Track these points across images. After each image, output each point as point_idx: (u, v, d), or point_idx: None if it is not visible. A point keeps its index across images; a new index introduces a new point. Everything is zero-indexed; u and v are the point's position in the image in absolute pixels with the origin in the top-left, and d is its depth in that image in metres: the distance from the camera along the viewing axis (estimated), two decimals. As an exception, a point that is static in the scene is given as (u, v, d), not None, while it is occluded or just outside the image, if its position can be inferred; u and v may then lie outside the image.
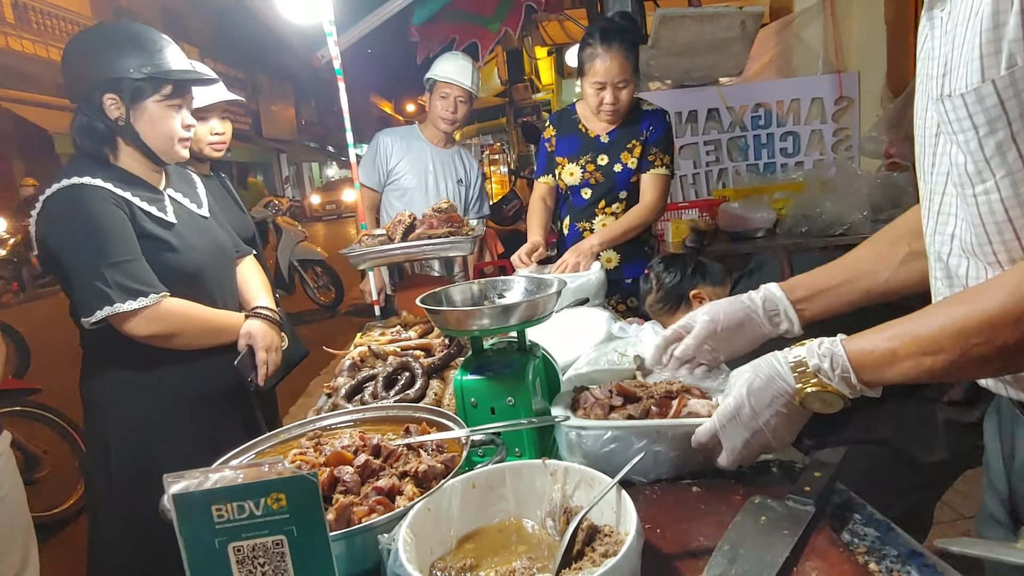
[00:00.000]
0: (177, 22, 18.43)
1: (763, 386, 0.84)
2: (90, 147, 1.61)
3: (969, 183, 0.73)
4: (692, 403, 0.98)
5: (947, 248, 0.82)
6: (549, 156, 2.62)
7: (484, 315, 1.04)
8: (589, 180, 2.50)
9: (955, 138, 0.73)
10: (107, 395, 1.67)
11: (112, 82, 1.55)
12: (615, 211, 2.50)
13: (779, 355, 0.85)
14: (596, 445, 0.95)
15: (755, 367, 0.86)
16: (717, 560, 0.77)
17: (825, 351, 0.81)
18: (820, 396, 0.82)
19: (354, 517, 0.80)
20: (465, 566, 0.76)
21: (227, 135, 2.27)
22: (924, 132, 0.84)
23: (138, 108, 1.59)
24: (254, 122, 23.16)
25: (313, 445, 1.00)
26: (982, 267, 0.78)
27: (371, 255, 1.91)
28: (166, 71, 1.60)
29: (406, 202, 2.98)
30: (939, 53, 0.76)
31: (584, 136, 2.52)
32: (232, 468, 0.61)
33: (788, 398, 0.83)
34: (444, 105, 2.94)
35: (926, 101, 0.82)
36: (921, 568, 0.74)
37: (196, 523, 0.56)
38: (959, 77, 0.71)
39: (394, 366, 1.44)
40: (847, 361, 0.80)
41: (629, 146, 2.45)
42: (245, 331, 1.77)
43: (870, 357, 0.79)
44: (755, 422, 0.85)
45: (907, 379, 0.79)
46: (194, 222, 1.76)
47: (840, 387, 0.80)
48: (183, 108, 1.66)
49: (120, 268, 1.51)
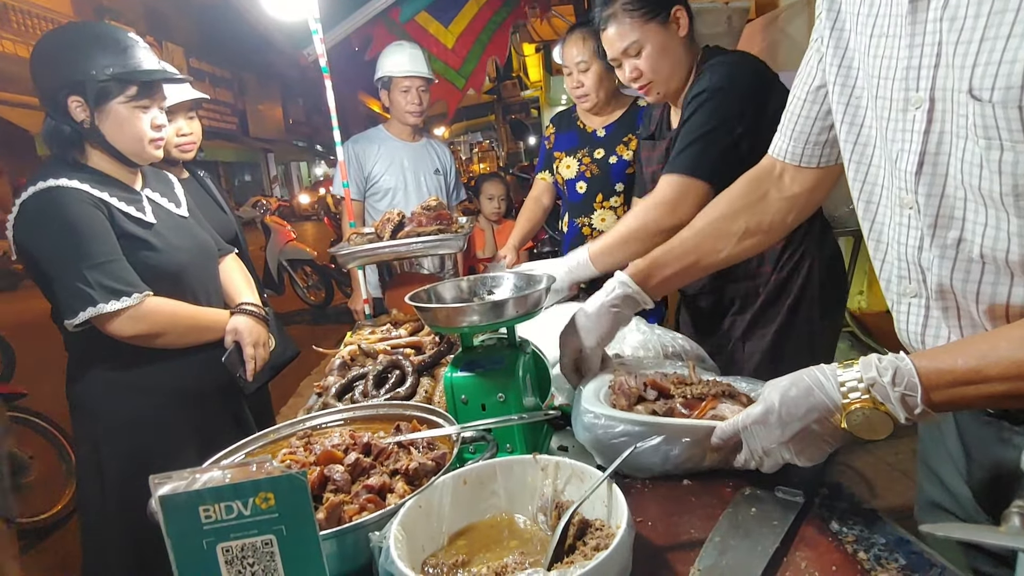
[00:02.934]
0: (161, 22, 18.23)
1: (800, 396, 0.77)
2: (59, 150, 1.58)
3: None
4: (721, 407, 0.95)
5: (952, 253, 0.77)
6: (548, 153, 2.71)
7: (473, 312, 1.04)
8: (584, 173, 2.54)
9: (1022, 147, 0.66)
10: (94, 397, 1.65)
11: (76, 84, 1.52)
12: (613, 205, 2.52)
13: (826, 368, 0.78)
14: (606, 436, 0.94)
15: (795, 377, 0.80)
16: (708, 552, 0.77)
17: (888, 365, 0.73)
18: (867, 416, 0.73)
19: (345, 516, 0.79)
20: (457, 562, 0.76)
21: (195, 135, 2.20)
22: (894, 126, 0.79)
23: (103, 110, 1.55)
24: (241, 122, 22.96)
25: (303, 444, 0.99)
26: (1005, 275, 0.73)
27: (360, 254, 1.90)
28: (130, 71, 1.56)
29: (389, 203, 2.95)
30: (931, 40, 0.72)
31: (582, 132, 2.59)
32: (220, 468, 0.60)
33: (826, 413, 0.76)
34: (408, 99, 2.90)
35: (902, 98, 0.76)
36: (909, 555, 0.74)
37: (183, 524, 0.56)
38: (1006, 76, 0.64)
39: (384, 364, 1.44)
40: (916, 377, 0.71)
41: (625, 139, 2.49)
42: (231, 327, 1.76)
43: (947, 376, 0.71)
44: (782, 432, 0.79)
45: (986, 403, 0.74)
46: (173, 222, 1.75)
47: (896, 408, 0.72)
48: (152, 108, 1.62)
49: (101, 269, 1.49)
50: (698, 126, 1.58)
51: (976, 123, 0.68)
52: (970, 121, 0.69)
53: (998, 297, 0.75)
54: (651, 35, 1.62)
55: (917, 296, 0.83)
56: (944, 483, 0.97)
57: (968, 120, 0.69)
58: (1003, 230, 0.70)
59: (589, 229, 2.55)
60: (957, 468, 0.94)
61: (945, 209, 0.76)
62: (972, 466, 0.91)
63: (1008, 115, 0.65)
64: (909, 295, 0.84)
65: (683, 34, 1.65)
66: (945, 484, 0.97)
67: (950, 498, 0.96)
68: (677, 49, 1.66)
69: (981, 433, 0.88)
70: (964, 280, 0.77)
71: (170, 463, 1.31)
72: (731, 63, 1.63)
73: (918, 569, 0.72)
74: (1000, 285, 0.74)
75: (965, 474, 0.93)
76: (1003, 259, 0.72)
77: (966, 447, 0.92)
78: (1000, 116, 0.66)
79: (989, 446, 0.87)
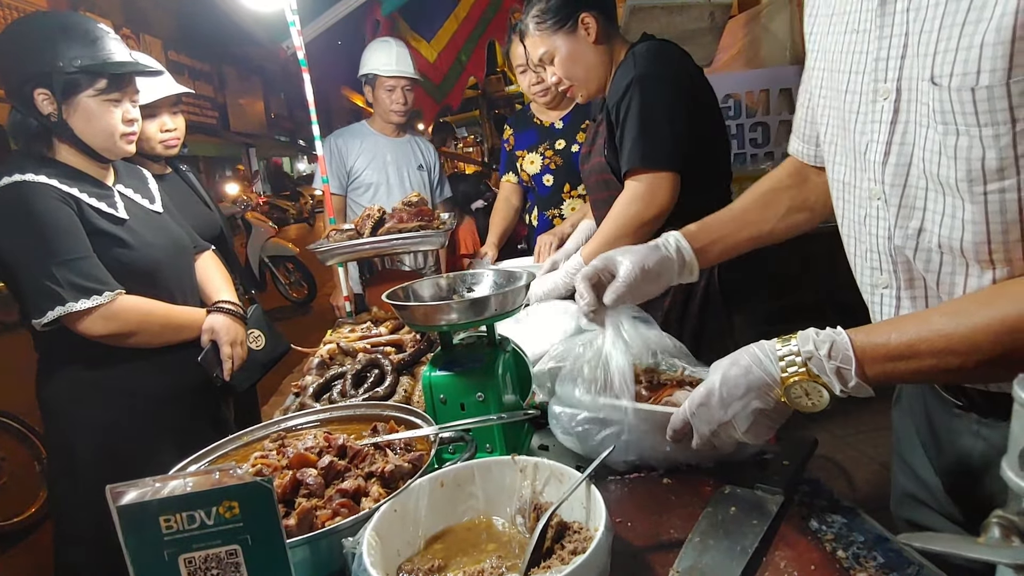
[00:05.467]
0: (138, 13, 17.82)
1: (739, 375, 0.79)
2: (25, 144, 1.53)
3: (982, 179, 0.68)
4: (677, 394, 0.97)
5: (912, 243, 0.78)
6: (509, 154, 2.74)
7: (452, 310, 1.02)
8: (549, 166, 2.57)
9: (975, 131, 0.67)
10: (66, 398, 1.61)
11: (42, 76, 1.46)
12: (581, 193, 2.54)
13: (765, 344, 0.80)
14: (570, 424, 0.98)
15: (734, 357, 0.81)
16: (687, 552, 0.77)
17: (824, 338, 0.75)
18: (804, 388, 0.75)
19: (317, 521, 0.77)
20: (433, 567, 0.74)
21: (179, 131, 2.14)
22: (864, 119, 0.80)
23: (71, 103, 1.50)
24: (221, 116, 22.58)
25: (277, 447, 0.97)
26: (961, 264, 0.74)
27: (340, 250, 1.87)
28: (100, 63, 1.50)
29: (371, 198, 2.93)
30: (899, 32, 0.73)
31: (540, 128, 2.63)
32: (183, 476, 0.58)
33: (766, 388, 0.78)
34: (393, 98, 2.87)
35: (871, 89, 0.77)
36: (887, 553, 0.74)
37: (143, 535, 0.54)
38: (963, 63, 0.66)
39: (363, 363, 1.41)
40: (851, 351, 0.73)
41: (583, 126, 2.52)
42: (208, 326, 1.73)
43: (881, 350, 0.72)
44: (724, 412, 0.80)
45: (917, 378, 0.75)
46: (147, 218, 1.70)
47: (831, 380, 0.74)
48: (124, 102, 1.57)
49: (70, 266, 1.45)
50: (637, 117, 1.58)
51: (935, 108, 0.70)
52: (931, 108, 0.70)
53: (956, 288, 0.76)
54: (560, 44, 1.71)
55: (888, 287, 0.84)
56: (917, 474, 0.98)
57: (929, 108, 0.71)
58: (958, 218, 0.72)
59: (560, 220, 2.56)
60: (929, 459, 0.95)
61: (907, 199, 0.77)
62: (942, 458, 0.92)
63: (962, 98, 0.67)
64: (881, 286, 0.85)
65: (592, 40, 1.70)
66: (918, 475, 0.98)
67: (923, 489, 0.97)
68: (587, 54, 1.72)
69: (951, 425, 0.89)
70: (925, 270, 0.78)
71: (144, 465, 1.28)
72: (654, 48, 1.65)
73: (896, 568, 0.72)
74: (957, 275, 0.76)
75: (936, 465, 0.94)
76: (958, 248, 0.73)
77: (937, 439, 0.93)
78: (955, 100, 0.67)
79: (958, 438, 0.88)
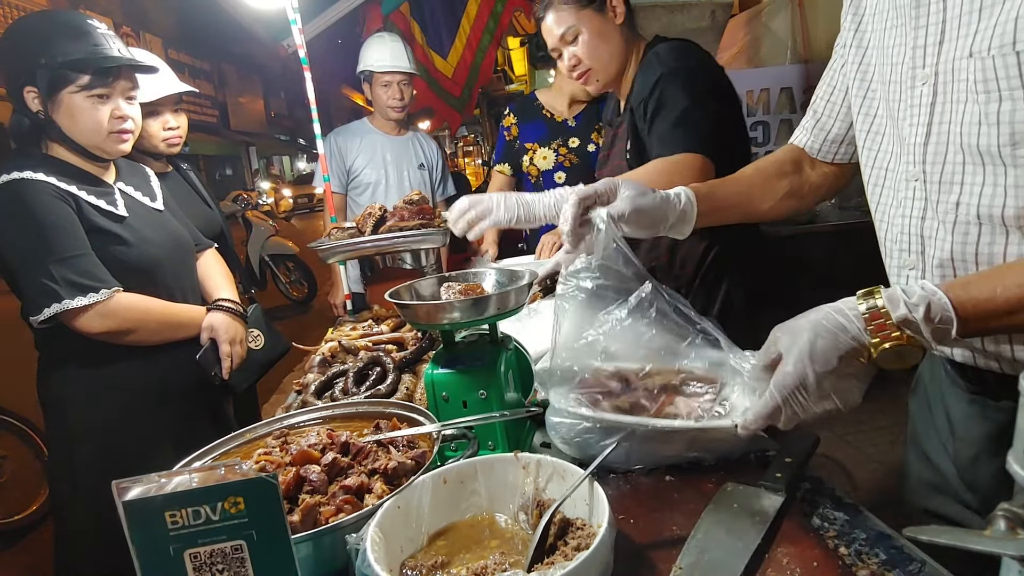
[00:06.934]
0: (139, 11, 17.79)
1: (828, 346, 0.73)
2: (19, 142, 1.53)
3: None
4: (677, 402, 0.97)
5: (951, 216, 0.80)
6: (508, 144, 2.62)
7: (454, 308, 1.02)
8: (563, 163, 2.52)
9: (1019, 93, 0.69)
10: (66, 395, 1.61)
11: (30, 73, 1.46)
12: None
13: (842, 307, 0.75)
14: (569, 433, 0.96)
15: (814, 324, 0.75)
16: (690, 549, 0.77)
17: (918, 300, 0.71)
18: (900, 352, 0.72)
19: (321, 517, 0.78)
20: (436, 563, 0.74)
21: (182, 129, 2.12)
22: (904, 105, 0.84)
23: (55, 100, 1.48)
24: (221, 115, 22.56)
25: (279, 444, 0.97)
26: (1001, 233, 0.76)
27: (341, 248, 1.87)
28: (83, 58, 1.47)
29: (370, 197, 2.92)
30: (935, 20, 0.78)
31: (551, 121, 2.54)
32: (188, 472, 0.58)
33: (855, 355, 0.73)
34: (389, 94, 2.85)
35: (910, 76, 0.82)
36: (889, 550, 0.74)
37: (149, 531, 0.54)
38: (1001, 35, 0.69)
39: (365, 361, 1.41)
40: (951, 311, 0.70)
41: (597, 127, 2.48)
42: (207, 324, 1.73)
43: (985, 306, 0.70)
44: (820, 389, 0.75)
45: (1011, 331, 0.76)
46: (148, 215, 1.70)
47: (927, 341, 0.71)
48: (114, 98, 1.54)
49: (68, 264, 1.45)
50: (670, 107, 1.53)
51: (976, 79, 0.74)
52: (970, 80, 0.74)
53: (995, 258, 0.79)
54: (587, 21, 1.63)
55: (915, 268, 0.88)
56: (932, 461, 1.00)
57: (968, 83, 0.75)
58: (1000, 186, 0.75)
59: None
60: (944, 446, 0.97)
61: (946, 175, 0.81)
62: (958, 444, 0.94)
63: (1007, 63, 0.70)
64: (908, 267, 0.89)
65: (619, 22, 1.65)
66: (933, 462, 0.99)
67: (939, 475, 0.98)
68: (614, 36, 1.65)
69: (966, 411, 0.91)
70: (963, 243, 0.81)
71: (145, 463, 1.29)
72: (677, 46, 1.62)
73: (898, 564, 0.72)
74: (996, 245, 0.78)
75: (952, 452, 0.95)
76: (999, 216, 0.76)
77: (952, 425, 0.95)
78: (1000, 66, 0.71)
79: (972, 423, 0.90)
